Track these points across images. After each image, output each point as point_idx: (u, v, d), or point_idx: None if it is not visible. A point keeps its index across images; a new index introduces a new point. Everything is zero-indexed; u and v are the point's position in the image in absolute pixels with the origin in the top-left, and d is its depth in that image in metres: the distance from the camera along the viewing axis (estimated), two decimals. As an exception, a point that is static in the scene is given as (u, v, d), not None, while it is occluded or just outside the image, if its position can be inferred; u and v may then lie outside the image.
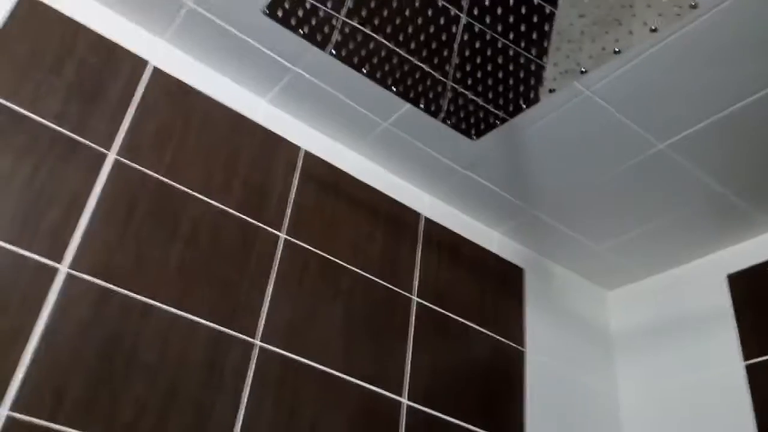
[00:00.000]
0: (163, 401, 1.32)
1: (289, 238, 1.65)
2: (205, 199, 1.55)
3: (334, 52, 1.57)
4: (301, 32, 1.53)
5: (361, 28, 1.50)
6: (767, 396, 1.74)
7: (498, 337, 1.93)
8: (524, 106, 1.63)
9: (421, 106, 1.67)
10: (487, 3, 1.42)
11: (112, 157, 1.46)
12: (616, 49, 1.44)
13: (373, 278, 1.76)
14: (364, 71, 1.60)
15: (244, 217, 1.60)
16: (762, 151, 1.67)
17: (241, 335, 1.47)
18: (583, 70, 1.49)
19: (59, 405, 1.21)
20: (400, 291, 1.80)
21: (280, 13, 1.50)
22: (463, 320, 1.88)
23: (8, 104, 1.37)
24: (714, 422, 1.82)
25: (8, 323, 1.21)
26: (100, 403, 1.26)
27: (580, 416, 1.99)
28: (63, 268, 1.31)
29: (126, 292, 1.36)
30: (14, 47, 1.42)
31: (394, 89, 1.64)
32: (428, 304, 1.83)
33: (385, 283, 1.77)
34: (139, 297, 1.37)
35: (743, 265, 1.94)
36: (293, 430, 1.46)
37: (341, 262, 1.72)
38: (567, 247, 2.14)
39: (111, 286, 1.35)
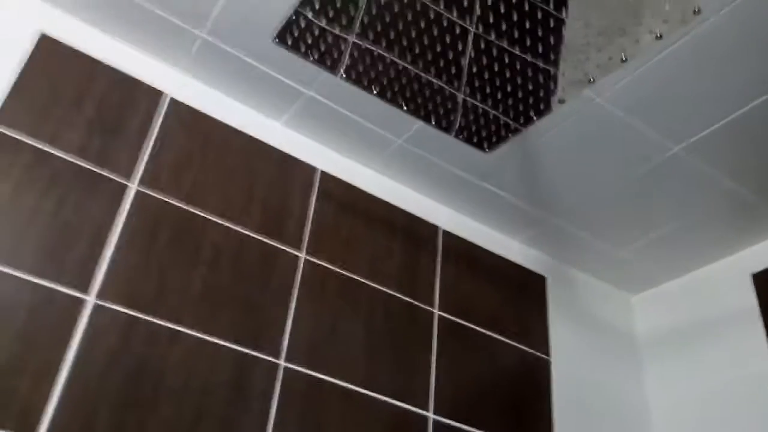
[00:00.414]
0: (191, 425, 1.35)
1: (309, 257, 1.68)
2: (225, 223, 1.59)
3: (344, 74, 1.59)
4: (311, 57, 1.56)
5: (371, 47, 1.53)
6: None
7: (523, 347, 1.93)
8: (535, 117, 1.64)
9: (433, 122, 1.69)
10: (493, 18, 1.44)
11: (133, 187, 1.50)
12: (623, 58, 1.44)
13: (394, 293, 1.77)
14: (375, 91, 1.63)
15: (263, 239, 1.63)
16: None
17: (265, 356, 1.50)
18: (592, 79, 1.50)
19: (91, 433, 1.25)
20: (421, 305, 1.81)
21: (289, 41, 1.53)
22: (486, 331, 1.89)
23: (31, 141, 1.42)
24: (744, 422, 1.80)
25: (39, 355, 1.25)
26: (129, 431, 1.29)
27: (610, 423, 1.98)
28: (90, 299, 1.35)
29: (152, 319, 1.40)
30: (35, 86, 1.47)
31: (406, 108, 1.66)
32: (450, 317, 1.84)
33: (405, 298, 1.79)
34: (164, 323, 1.41)
35: (767, 264, 1.93)
36: (320, 449, 1.49)
37: (361, 279, 1.74)
38: (588, 254, 2.14)
39: (137, 314, 1.39)
